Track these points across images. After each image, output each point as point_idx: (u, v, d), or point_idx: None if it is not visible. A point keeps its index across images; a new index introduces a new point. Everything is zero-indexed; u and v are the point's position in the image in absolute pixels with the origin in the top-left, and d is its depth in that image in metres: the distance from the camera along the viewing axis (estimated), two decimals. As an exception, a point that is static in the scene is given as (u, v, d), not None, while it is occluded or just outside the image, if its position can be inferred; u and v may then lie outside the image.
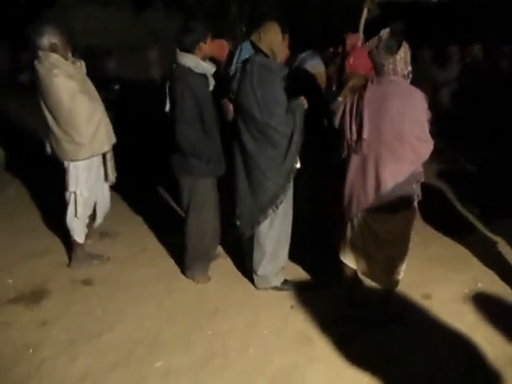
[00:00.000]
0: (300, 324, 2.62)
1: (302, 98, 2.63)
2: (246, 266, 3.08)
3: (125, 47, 9.22)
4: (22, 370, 2.29)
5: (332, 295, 2.82)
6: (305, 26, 2.61)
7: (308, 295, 2.84)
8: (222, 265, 3.22)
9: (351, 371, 2.27)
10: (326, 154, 2.97)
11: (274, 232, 2.73)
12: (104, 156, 3.13)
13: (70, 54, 2.93)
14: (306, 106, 2.64)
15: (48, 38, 2.78)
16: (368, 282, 2.62)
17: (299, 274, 3.11)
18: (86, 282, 3.05)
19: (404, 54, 2.18)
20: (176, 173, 2.80)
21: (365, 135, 2.24)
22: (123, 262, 3.29)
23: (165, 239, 3.56)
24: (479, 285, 2.93)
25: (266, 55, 2.52)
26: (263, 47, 2.50)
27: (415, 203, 2.36)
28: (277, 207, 2.64)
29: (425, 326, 2.60)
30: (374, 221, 2.37)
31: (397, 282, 2.50)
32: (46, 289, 2.97)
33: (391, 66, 2.17)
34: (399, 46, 2.17)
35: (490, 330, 2.51)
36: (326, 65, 3.71)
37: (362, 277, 2.59)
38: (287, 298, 2.84)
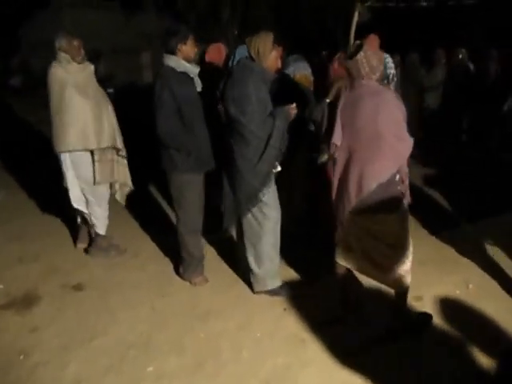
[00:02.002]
0: (293, 326, 2.63)
1: (292, 106, 2.65)
2: (237, 268, 3.10)
3: (117, 50, 9.22)
4: (14, 377, 2.27)
5: (324, 297, 2.84)
6: (298, 29, 2.60)
7: (300, 297, 2.85)
8: (214, 268, 3.22)
9: (344, 373, 2.27)
10: (312, 156, 3.03)
11: (265, 233, 2.75)
12: (92, 156, 3.17)
13: (80, 57, 3.14)
14: (294, 113, 2.66)
15: (59, 41, 3.11)
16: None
17: (292, 275, 3.12)
18: (78, 287, 3.04)
19: (366, 58, 2.25)
20: (164, 169, 2.90)
21: (335, 140, 2.33)
22: (114, 266, 3.28)
23: (156, 242, 3.56)
24: (470, 286, 2.96)
25: (254, 59, 2.61)
26: (251, 51, 2.60)
27: (404, 204, 2.37)
28: (253, 206, 2.69)
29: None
30: (363, 222, 2.38)
31: (401, 283, 2.47)
32: (37, 294, 2.95)
33: (354, 70, 2.28)
34: (357, 52, 2.26)
35: (482, 331, 2.54)
36: (319, 68, 3.76)
37: (359, 276, 2.60)
38: (280, 301, 2.84)
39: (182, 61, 2.77)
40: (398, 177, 2.32)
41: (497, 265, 3.18)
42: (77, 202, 3.24)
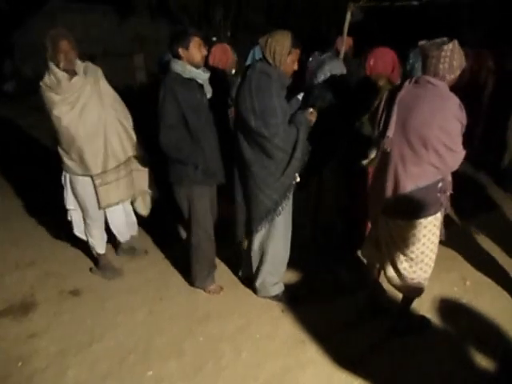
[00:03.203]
0: (291, 328, 2.63)
1: (311, 111, 2.52)
2: (237, 272, 3.09)
3: (109, 53, 9.19)
4: (12, 383, 2.26)
5: (321, 299, 2.85)
6: (290, 30, 2.49)
7: (298, 299, 2.85)
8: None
9: (343, 374, 2.28)
10: (352, 157, 2.95)
11: (273, 243, 2.67)
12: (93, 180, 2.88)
13: (66, 62, 2.65)
14: (314, 120, 2.53)
15: (45, 44, 2.65)
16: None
17: (291, 278, 3.12)
18: (75, 292, 3.02)
19: (451, 53, 2.05)
20: (171, 182, 2.74)
21: (389, 133, 2.17)
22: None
23: (151, 246, 3.54)
24: (467, 283, 2.97)
25: (269, 62, 2.40)
26: (266, 53, 2.38)
27: (438, 214, 2.26)
28: (270, 221, 2.59)
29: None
30: (393, 223, 2.32)
31: (415, 290, 2.43)
32: (35, 300, 2.93)
33: (434, 61, 2.07)
34: (443, 43, 2.05)
35: (479, 328, 2.55)
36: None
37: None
38: (278, 303, 2.84)
39: (189, 66, 2.54)
40: (440, 185, 2.19)
41: (494, 261, 3.20)
42: (78, 229, 3.10)
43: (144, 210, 3.25)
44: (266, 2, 9.82)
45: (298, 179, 2.59)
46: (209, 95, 2.66)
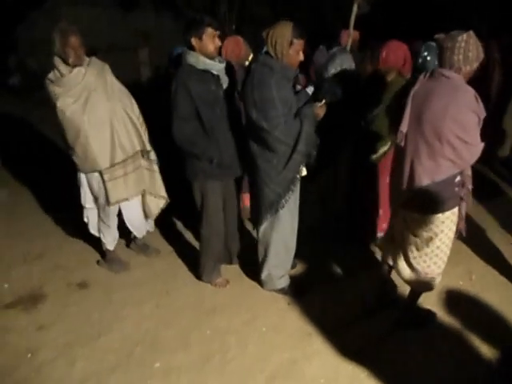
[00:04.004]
0: (297, 320, 2.64)
1: (320, 104, 2.49)
2: (243, 265, 3.11)
3: (113, 47, 9.19)
4: (21, 374, 2.29)
5: (327, 291, 2.86)
6: (296, 24, 2.45)
7: (305, 293, 2.86)
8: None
9: (350, 366, 2.29)
10: (362, 152, 2.97)
11: (277, 235, 2.67)
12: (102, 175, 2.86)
13: (79, 59, 2.66)
14: (322, 114, 2.50)
15: (53, 38, 2.64)
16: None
17: (299, 271, 3.13)
18: (82, 285, 3.05)
19: (466, 44, 2.02)
20: (187, 176, 2.74)
21: (402, 128, 2.15)
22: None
23: (158, 239, 3.56)
24: (473, 277, 2.97)
25: (271, 55, 2.38)
26: (268, 46, 2.37)
27: (456, 209, 2.23)
28: (273, 214, 2.59)
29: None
30: (410, 217, 2.31)
31: (426, 285, 2.43)
32: (43, 292, 2.96)
33: (448, 53, 2.04)
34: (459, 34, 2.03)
35: (485, 323, 2.54)
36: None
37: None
38: (284, 296, 2.85)
39: (202, 57, 2.48)
40: (458, 179, 2.17)
41: (500, 254, 3.19)
42: (92, 226, 3.11)
43: (151, 212, 3.15)
44: (271, -6, 9.77)
45: (304, 173, 2.58)
46: (225, 85, 2.60)
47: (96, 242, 3.26)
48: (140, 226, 3.20)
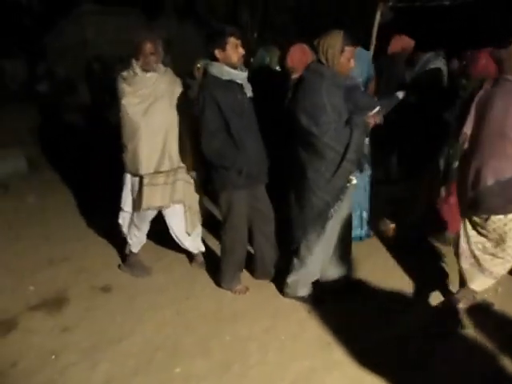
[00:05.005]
0: (317, 329, 2.63)
1: (372, 113, 2.50)
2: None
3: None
4: (45, 376, 2.34)
5: (347, 300, 2.84)
6: (318, 31, 2.47)
7: (324, 301, 2.84)
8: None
9: (369, 377, 2.26)
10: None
11: (322, 245, 2.64)
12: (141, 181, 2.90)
13: (152, 64, 2.77)
14: (372, 124, 2.52)
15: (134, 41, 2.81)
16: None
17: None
18: (105, 289, 3.10)
19: None
20: (214, 188, 2.76)
21: (466, 129, 2.25)
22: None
23: (178, 245, 3.59)
24: (499, 289, 2.90)
25: (323, 62, 2.42)
26: (319, 54, 2.42)
27: None
28: (322, 224, 2.56)
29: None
30: (476, 216, 2.36)
31: (484, 282, 2.53)
32: (67, 295, 3.02)
33: (506, 63, 2.16)
34: None
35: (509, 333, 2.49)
36: None
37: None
38: (304, 304, 2.84)
39: (226, 67, 2.51)
40: None
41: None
42: (125, 228, 3.14)
43: (189, 227, 3.12)
44: (293, 1, 9.81)
45: (354, 181, 2.55)
46: (249, 93, 2.63)
47: (121, 247, 3.31)
48: (183, 237, 3.15)
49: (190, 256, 3.38)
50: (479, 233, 2.41)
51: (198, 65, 3.41)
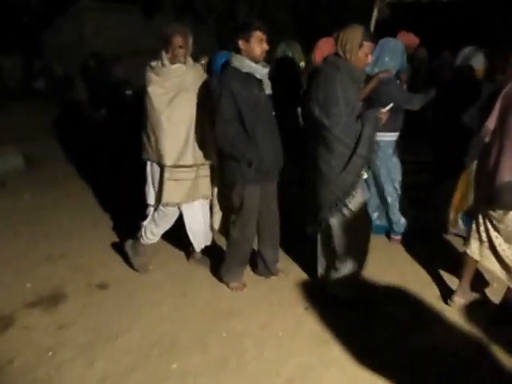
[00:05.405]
0: (314, 325, 2.63)
1: (383, 110, 2.52)
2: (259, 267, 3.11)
3: (137, 52, 9.34)
4: (42, 372, 2.33)
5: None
6: (316, 28, 2.50)
7: (321, 296, 2.86)
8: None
9: (368, 373, 2.26)
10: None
11: (346, 238, 2.63)
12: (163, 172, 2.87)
13: (180, 57, 2.75)
14: (384, 120, 2.54)
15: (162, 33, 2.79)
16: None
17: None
18: (102, 286, 3.09)
19: None
20: (226, 180, 2.77)
21: (488, 123, 2.26)
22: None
23: (174, 241, 3.59)
24: (495, 285, 2.91)
25: (340, 56, 2.44)
26: (337, 47, 2.44)
27: None
28: (332, 216, 2.58)
29: (447, 330, 2.59)
30: (493, 212, 2.37)
31: None
32: (64, 292, 3.02)
33: None
34: None
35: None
36: None
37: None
38: (301, 300, 2.85)
39: (248, 60, 2.52)
40: None
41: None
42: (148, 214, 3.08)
43: (216, 223, 3.09)
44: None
45: (365, 176, 2.56)
46: (268, 91, 2.63)
47: (117, 244, 3.30)
48: (199, 235, 3.11)
49: (187, 252, 3.38)
50: (493, 226, 2.41)
51: (203, 61, 3.43)
